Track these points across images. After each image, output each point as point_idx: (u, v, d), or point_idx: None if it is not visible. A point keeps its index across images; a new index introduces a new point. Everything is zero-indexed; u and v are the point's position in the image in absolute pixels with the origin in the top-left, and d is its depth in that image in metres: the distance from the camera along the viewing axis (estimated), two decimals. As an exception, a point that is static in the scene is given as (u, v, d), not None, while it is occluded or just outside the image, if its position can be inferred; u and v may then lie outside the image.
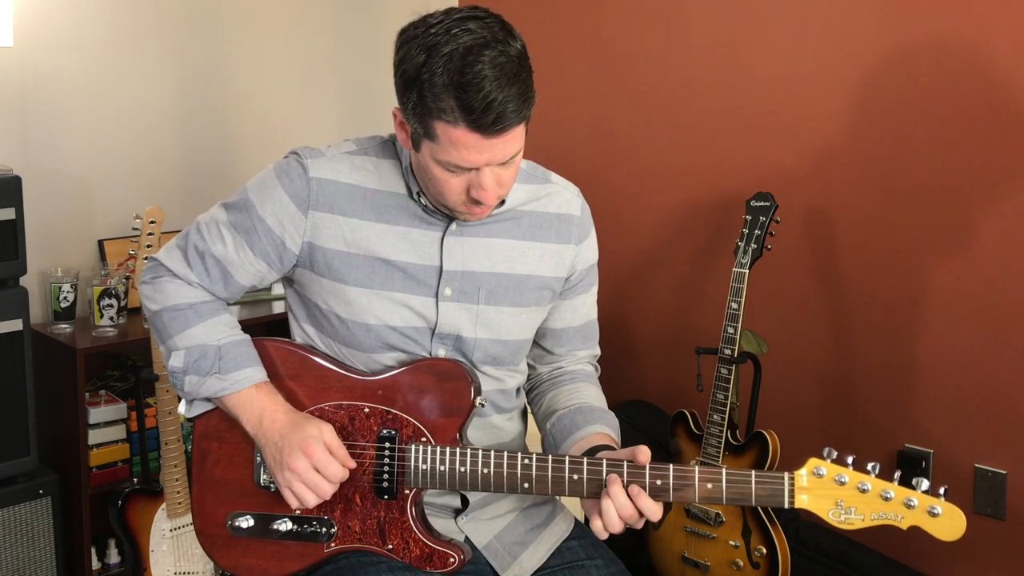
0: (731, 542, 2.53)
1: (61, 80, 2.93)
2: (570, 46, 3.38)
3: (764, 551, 2.48)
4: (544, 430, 1.71)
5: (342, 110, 3.59)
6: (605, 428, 1.64)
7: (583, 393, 1.72)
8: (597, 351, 1.85)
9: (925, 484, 1.37)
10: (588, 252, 1.74)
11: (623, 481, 1.44)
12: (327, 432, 1.53)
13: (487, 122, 1.39)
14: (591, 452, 1.54)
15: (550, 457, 1.49)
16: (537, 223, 1.66)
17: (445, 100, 1.39)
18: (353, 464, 1.54)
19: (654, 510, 1.44)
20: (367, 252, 1.58)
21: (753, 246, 2.54)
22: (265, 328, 2.92)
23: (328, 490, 1.52)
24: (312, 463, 1.50)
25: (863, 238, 2.75)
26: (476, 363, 1.64)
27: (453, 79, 1.37)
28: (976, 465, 2.58)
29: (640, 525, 1.46)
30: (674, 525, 2.63)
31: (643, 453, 1.44)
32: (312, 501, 1.52)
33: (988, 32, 2.49)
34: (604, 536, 1.47)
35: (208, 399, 1.61)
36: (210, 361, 1.57)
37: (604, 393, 1.78)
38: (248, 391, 1.57)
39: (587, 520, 1.50)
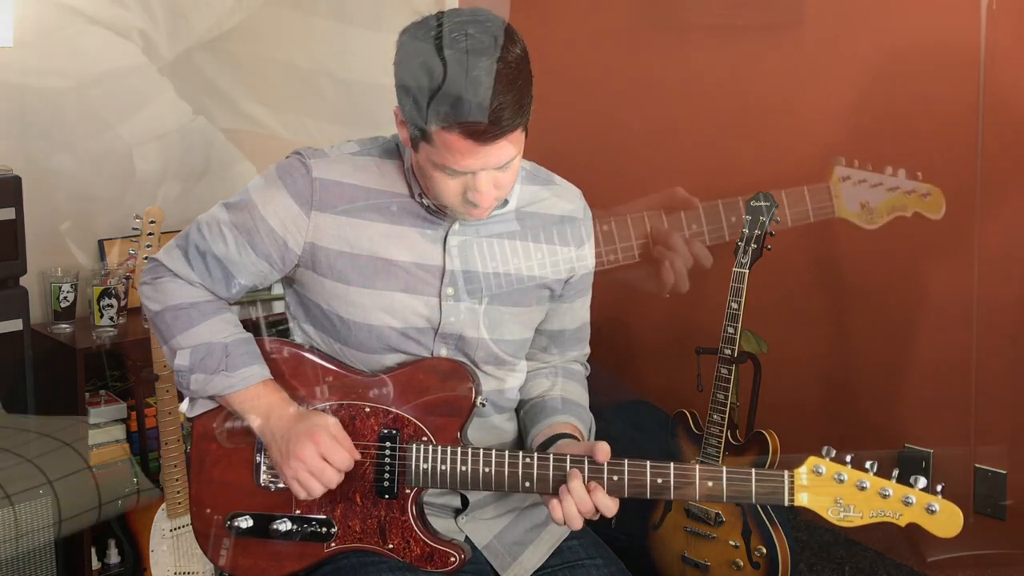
0: (731, 542, 2.53)
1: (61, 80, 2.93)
2: (571, 46, 3.38)
3: (764, 551, 2.48)
4: (519, 418, 1.74)
5: (344, 110, 3.58)
6: (569, 418, 1.65)
7: (558, 387, 1.74)
8: (587, 350, 1.86)
9: (923, 482, 1.38)
10: (590, 255, 1.74)
11: (583, 477, 1.46)
12: (332, 423, 1.54)
13: (480, 129, 1.40)
14: (551, 441, 1.57)
15: (551, 456, 1.49)
16: (540, 224, 1.67)
17: (440, 105, 1.40)
18: (358, 455, 1.54)
19: (609, 506, 1.46)
20: (370, 253, 1.58)
21: (753, 246, 2.54)
22: (265, 328, 2.92)
23: (334, 478, 1.52)
24: (319, 450, 1.50)
25: (863, 238, 2.75)
26: (478, 363, 1.64)
27: (449, 85, 1.38)
28: (976, 465, 2.58)
29: (596, 518, 1.48)
30: (674, 525, 2.63)
31: (602, 451, 1.46)
32: (318, 490, 1.51)
33: (988, 32, 2.49)
34: (566, 528, 1.49)
35: (212, 397, 1.61)
36: (216, 359, 1.57)
37: (604, 394, 1.79)
38: (255, 388, 1.57)
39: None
